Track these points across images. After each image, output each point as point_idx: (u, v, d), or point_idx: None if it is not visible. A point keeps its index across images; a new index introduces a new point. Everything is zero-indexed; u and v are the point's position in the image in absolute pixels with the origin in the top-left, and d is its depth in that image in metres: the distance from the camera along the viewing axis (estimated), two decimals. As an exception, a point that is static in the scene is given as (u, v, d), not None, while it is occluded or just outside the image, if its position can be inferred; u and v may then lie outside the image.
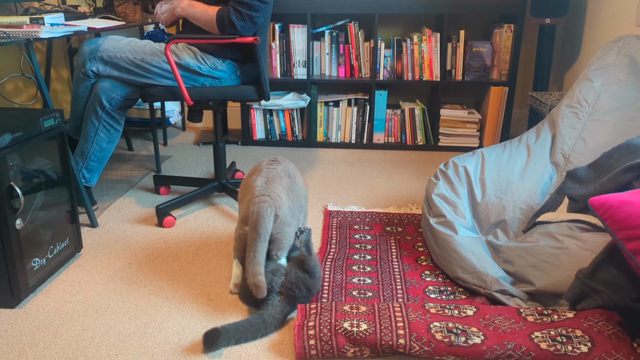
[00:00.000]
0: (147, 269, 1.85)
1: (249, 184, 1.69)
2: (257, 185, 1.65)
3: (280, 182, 1.67)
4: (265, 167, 1.74)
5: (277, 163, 1.76)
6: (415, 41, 3.10)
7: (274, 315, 1.51)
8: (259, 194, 1.61)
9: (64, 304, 1.64)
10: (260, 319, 1.49)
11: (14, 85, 2.82)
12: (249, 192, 1.66)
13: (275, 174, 1.69)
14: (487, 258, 1.73)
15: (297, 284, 1.56)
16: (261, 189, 1.63)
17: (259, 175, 1.70)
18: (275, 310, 1.52)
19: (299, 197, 1.71)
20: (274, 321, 1.50)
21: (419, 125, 3.22)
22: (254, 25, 2.04)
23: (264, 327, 1.48)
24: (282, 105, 3.18)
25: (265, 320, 1.49)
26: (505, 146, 2.08)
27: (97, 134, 2.19)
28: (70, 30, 1.98)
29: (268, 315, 1.50)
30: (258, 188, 1.64)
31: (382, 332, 1.39)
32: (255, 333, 1.47)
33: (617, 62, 2.09)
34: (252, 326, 1.46)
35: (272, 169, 1.72)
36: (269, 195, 1.61)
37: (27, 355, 1.41)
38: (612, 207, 1.37)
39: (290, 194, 1.68)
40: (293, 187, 1.70)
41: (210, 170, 2.85)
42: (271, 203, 1.60)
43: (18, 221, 1.59)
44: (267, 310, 1.51)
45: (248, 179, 1.73)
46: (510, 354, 1.34)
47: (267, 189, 1.63)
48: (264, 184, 1.65)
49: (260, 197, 1.60)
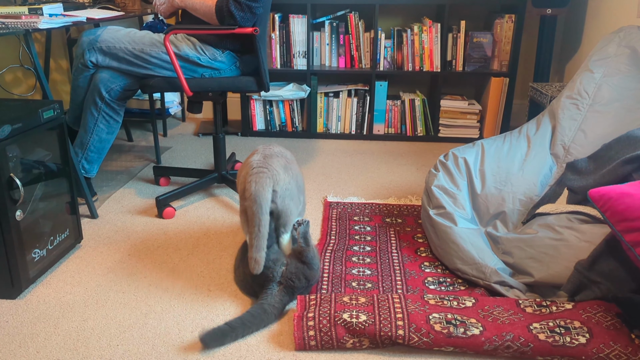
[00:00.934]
0: (147, 260, 1.86)
1: (246, 162, 1.69)
2: (254, 160, 1.65)
3: (278, 160, 1.66)
4: (261, 149, 1.74)
5: (274, 145, 1.77)
6: (415, 32, 3.09)
7: (274, 305, 1.51)
8: (257, 166, 1.61)
9: (64, 295, 1.65)
10: (261, 308, 1.49)
11: (13, 76, 2.81)
12: (246, 168, 1.67)
13: (272, 152, 1.70)
14: (486, 249, 1.73)
15: (297, 275, 1.56)
16: (259, 162, 1.63)
17: (256, 154, 1.70)
18: (274, 299, 1.52)
19: (297, 177, 1.72)
20: (274, 310, 1.51)
21: (419, 116, 3.22)
22: (253, 15, 2.03)
23: (265, 317, 1.48)
24: (282, 96, 3.18)
25: (266, 310, 1.49)
26: (505, 137, 2.08)
27: (97, 124, 2.19)
28: (69, 21, 1.97)
29: (268, 304, 1.51)
30: (255, 161, 1.64)
31: (381, 323, 1.39)
32: (258, 324, 1.47)
33: (618, 53, 2.08)
34: (255, 318, 1.47)
35: (269, 149, 1.73)
36: (267, 168, 1.61)
37: (28, 346, 1.42)
38: (612, 199, 1.37)
39: (289, 171, 1.67)
40: (292, 167, 1.70)
41: (210, 161, 2.85)
42: (269, 175, 1.59)
43: (18, 212, 1.59)
44: (267, 300, 1.52)
45: (245, 161, 1.73)
46: (508, 345, 1.34)
47: (265, 163, 1.63)
48: (262, 159, 1.65)
49: (257, 169, 1.60)
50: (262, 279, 1.56)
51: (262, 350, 1.40)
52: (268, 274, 1.55)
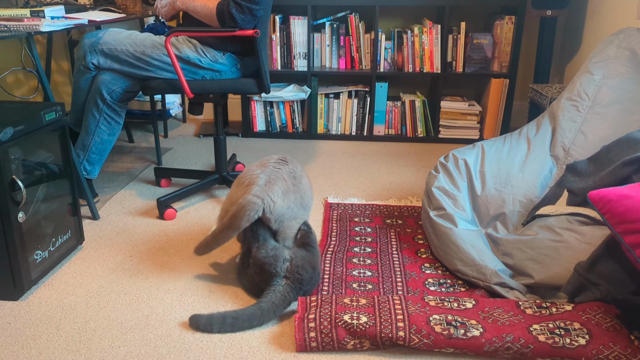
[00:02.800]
0: (148, 261, 1.86)
1: (251, 176, 1.69)
2: (256, 183, 1.65)
3: (280, 186, 1.67)
4: (272, 164, 1.74)
5: (284, 163, 1.76)
6: (415, 33, 3.10)
7: (273, 301, 1.52)
8: (254, 193, 1.62)
9: (66, 296, 1.66)
10: (258, 306, 1.51)
11: (15, 78, 2.82)
12: (247, 181, 1.67)
13: (278, 175, 1.69)
14: (486, 251, 1.74)
15: (304, 266, 1.59)
16: (258, 189, 1.63)
17: (263, 171, 1.70)
18: (277, 296, 1.53)
19: (304, 197, 1.73)
20: (273, 307, 1.51)
21: (420, 117, 3.23)
22: (254, 18, 2.03)
23: (261, 314, 1.49)
24: (283, 97, 3.18)
25: (262, 307, 1.51)
26: (505, 139, 2.09)
27: (98, 126, 2.20)
28: (70, 24, 1.98)
29: (266, 302, 1.52)
30: (256, 188, 1.64)
31: (382, 325, 1.40)
32: (252, 321, 1.49)
33: (618, 55, 2.09)
34: (251, 314, 1.49)
35: (277, 169, 1.72)
36: (262, 198, 1.62)
37: (30, 347, 1.43)
38: (611, 201, 1.38)
39: (292, 194, 1.69)
40: (298, 188, 1.71)
41: (210, 163, 2.85)
42: (259, 207, 1.61)
43: (20, 214, 1.60)
44: (268, 297, 1.53)
45: (252, 168, 1.74)
46: (508, 346, 1.35)
47: (263, 192, 1.63)
48: (263, 184, 1.65)
49: (252, 197, 1.61)
50: (266, 275, 1.58)
51: (263, 352, 1.41)
52: (271, 270, 1.57)
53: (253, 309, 1.50)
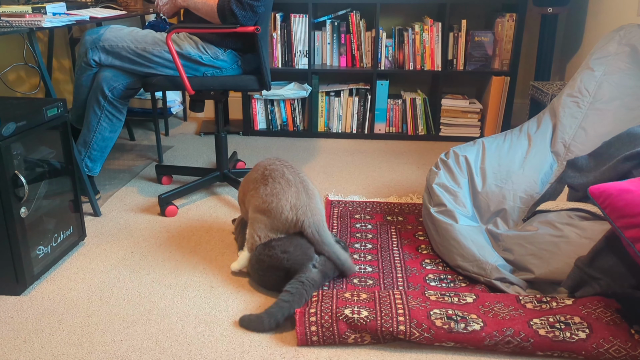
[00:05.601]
0: (150, 257, 1.87)
1: (285, 193, 1.67)
2: (302, 205, 1.67)
3: (315, 195, 1.71)
4: (291, 175, 1.71)
5: (292, 168, 1.75)
6: (416, 31, 3.10)
7: (314, 278, 1.56)
8: (309, 214, 1.66)
9: (68, 291, 1.66)
10: (299, 283, 1.53)
11: (17, 74, 2.83)
12: (287, 199, 1.67)
13: (310, 187, 1.71)
14: (487, 246, 1.74)
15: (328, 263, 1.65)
16: (306, 209, 1.66)
17: (293, 185, 1.68)
18: (312, 272, 1.58)
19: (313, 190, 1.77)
20: (313, 282, 1.55)
21: (420, 115, 3.23)
22: (255, 14, 2.04)
23: (304, 290, 1.52)
24: (284, 95, 3.19)
25: (305, 283, 1.54)
26: (506, 136, 2.09)
27: (100, 123, 2.20)
28: (72, 20, 1.98)
29: (306, 278, 1.55)
30: (305, 209, 1.66)
31: (382, 319, 1.40)
32: (300, 299, 1.50)
33: (619, 51, 2.09)
34: (293, 296, 1.50)
35: (304, 179, 1.72)
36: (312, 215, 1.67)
37: (33, 341, 1.43)
38: (612, 196, 1.38)
39: (316, 197, 1.72)
40: (308, 187, 1.73)
41: (211, 160, 2.86)
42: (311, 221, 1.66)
43: (23, 209, 1.60)
44: (306, 275, 1.56)
45: (279, 181, 1.70)
46: (509, 340, 1.35)
47: (310, 209, 1.67)
48: (307, 200, 1.67)
49: (311, 217, 1.66)
50: (298, 266, 1.60)
51: (265, 346, 1.41)
52: (305, 261, 1.61)
53: (297, 286, 1.52)
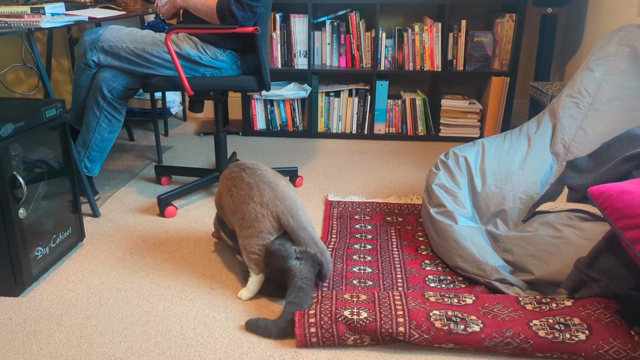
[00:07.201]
0: (149, 258, 1.86)
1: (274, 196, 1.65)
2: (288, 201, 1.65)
3: (279, 183, 1.67)
4: (250, 178, 1.68)
5: (250, 169, 1.72)
6: (416, 31, 3.10)
7: (306, 276, 1.53)
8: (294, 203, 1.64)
9: (67, 293, 1.66)
10: (297, 290, 1.51)
11: (15, 75, 2.82)
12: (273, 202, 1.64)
13: (270, 178, 1.68)
14: (486, 247, 1.74)
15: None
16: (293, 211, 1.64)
17: (254, 186, 1.65)
18: (301, 271, 1.54)
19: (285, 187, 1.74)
20: (307, 281, 1.53)
21: (420, 115, 3.23)
22: (255, 15, 2.04)
23: (305, 295, 1.51)
24: (283, 96, 3.18)
25: (302, 287, 1.52)
26: (505, 136, 2.09)
27: (99, 123, 2.20)
28: (71, 20, 1.98)
29: (302, 281, 1.52)
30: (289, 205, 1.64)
31: (382, 320, 1.40)
32: (305, 304, 1.49)
33: (618, 52, 2.09)
34: (297, 305, 1.48)
35: (262, 175, 1.69)
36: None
37: (31, 343, 1.43)
38: (611, 197, 1.38)
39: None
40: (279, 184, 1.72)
41: (211, 161, 2.86)
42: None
43: (21, 210, 1.60)
44: (294, 279, 1.53)
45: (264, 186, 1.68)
46: (508, 342, 1.35)
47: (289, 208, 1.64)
48: (270, 191, 1.65)
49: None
50: (279, 260, 1.56)
51: (264, 347, 1.41)
52: (282, 253, 1.57)
53: (298, 295, 1.50)
